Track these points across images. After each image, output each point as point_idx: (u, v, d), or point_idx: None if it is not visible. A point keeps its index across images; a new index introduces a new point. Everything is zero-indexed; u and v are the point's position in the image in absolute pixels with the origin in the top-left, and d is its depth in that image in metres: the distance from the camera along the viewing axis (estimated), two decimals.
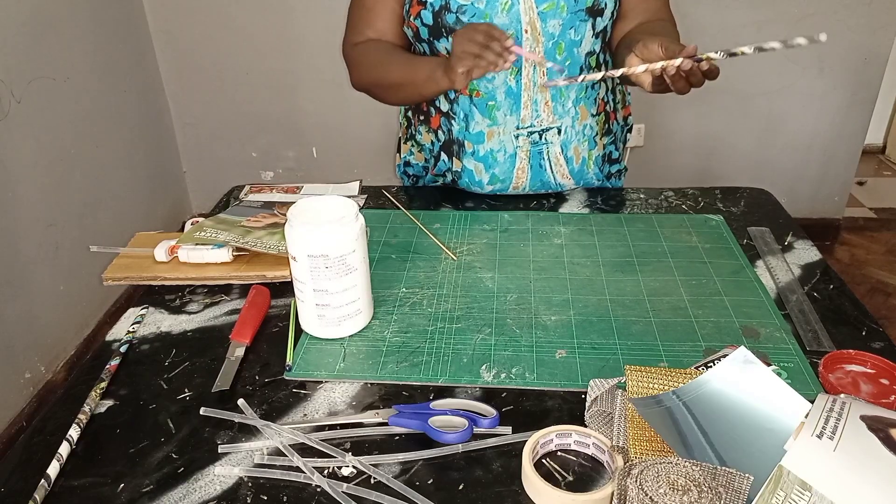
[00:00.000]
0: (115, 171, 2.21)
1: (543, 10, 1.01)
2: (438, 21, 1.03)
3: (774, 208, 1.11)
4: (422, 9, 1.04)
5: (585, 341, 0.79)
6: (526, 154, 1.10)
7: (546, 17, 1.02)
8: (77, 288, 2.00)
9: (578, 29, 1.04)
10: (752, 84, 2.41)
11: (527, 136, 1.09)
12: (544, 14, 1.01)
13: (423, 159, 1.22)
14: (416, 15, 1.05)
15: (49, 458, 0.63)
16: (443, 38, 1.05)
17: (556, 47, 1.04)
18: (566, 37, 1.04)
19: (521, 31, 1.02)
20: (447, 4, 1.01)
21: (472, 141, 1.10)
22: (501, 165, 1.11)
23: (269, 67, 2.44)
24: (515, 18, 1.01)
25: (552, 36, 1.03)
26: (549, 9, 1.01)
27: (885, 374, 0.71)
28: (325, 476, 0.61)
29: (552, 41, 1.04)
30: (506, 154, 1.10)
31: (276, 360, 0.77)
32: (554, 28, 1.02)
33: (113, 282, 0.92)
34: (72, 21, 1.98)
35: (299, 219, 0.75)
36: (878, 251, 2.66)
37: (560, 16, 1.02)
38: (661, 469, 0.54)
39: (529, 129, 1.09)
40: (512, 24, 1.01)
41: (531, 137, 1.09)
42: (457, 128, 1.11)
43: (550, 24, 1.02)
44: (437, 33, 1.05)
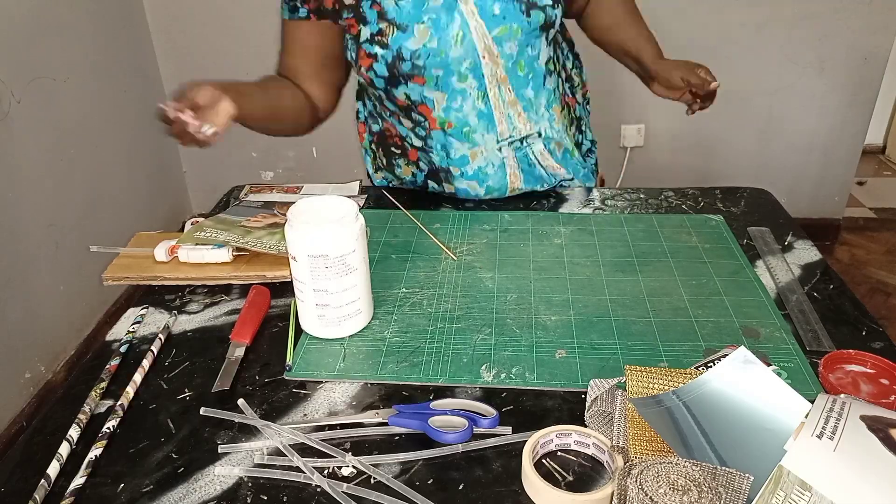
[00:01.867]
0: (115, 171, 2.21)
1: (497, 35, 1.00)
2: (393, 71, 1.01)
3: (774, 208, 1.11)
4: (373, 61, 1.01)
5: (585, 341, 0.79)
6: (514, 160, 1.10)
7: (501, 41, 1.00)
8: (77, 288, 2.00)
9: (534, 45, 1.04)
10: (752, 84, 2.42)
11: (508, 145, 1.09)
12: (499, 38, 1.00)
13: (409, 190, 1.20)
14: (367, 67, 1.02)
15: (49, 458, 0.63)
16: (401, 85, 1.03)
17: (517, 66, 1.04)
18: (524, 54, 1.04)
19: (478, 57, 1.00)
20: (399, 54, 0.99)
21: (458, 165, 1.10)
22: (493, 177, 1.11)
23: (269, 67, 2.43)
24: (470, 48, 0.99)
25: (511, 57, 1.03)
26: (502, 33, 1.00)
27: (885, 374, 0.71)
28: (325, 476, 0.61)
29: (511, 61, 1.03)
30: (494, 167, 1.10)
31: (276, 360, 0.77)
32: (511, 49, 1.02)
33: (113, 282, 0.92)
34: (72, 21, 1.98)
35: (299, 219, 0.75)
36: (878, 251, 2.67)
37: (515, 38, 1.01)
38: (661, 469, 0.54)
39: (510, 139, 1.09)
40: (468, 54, 1.00)
41: (514, 145, 1.09)
42: (437, 158, 1.10)
43: (507, 47, 1.01)
44: (393, 82, 1.03)
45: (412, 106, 1.06)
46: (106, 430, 0.66)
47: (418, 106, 1.05)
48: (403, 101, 1.05)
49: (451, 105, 1.04)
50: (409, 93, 1.04)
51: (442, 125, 1.06)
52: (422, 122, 1.07)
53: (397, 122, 1.11)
